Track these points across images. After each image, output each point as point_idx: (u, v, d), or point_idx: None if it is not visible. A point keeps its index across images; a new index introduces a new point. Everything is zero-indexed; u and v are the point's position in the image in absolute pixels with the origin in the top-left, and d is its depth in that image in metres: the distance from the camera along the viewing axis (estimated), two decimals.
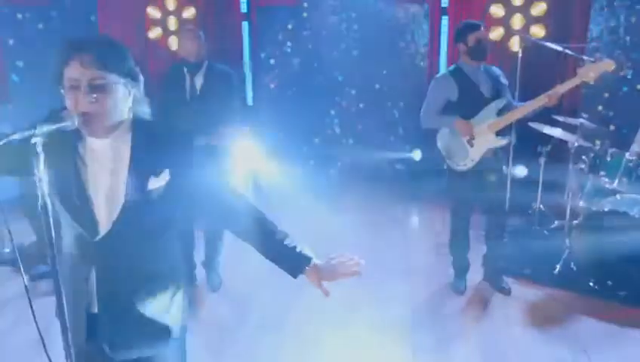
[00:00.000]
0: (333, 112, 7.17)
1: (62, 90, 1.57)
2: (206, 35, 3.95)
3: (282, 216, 1.88)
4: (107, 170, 1.64)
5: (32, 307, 1.56)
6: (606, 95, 6.10)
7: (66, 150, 1.63)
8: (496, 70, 3.82)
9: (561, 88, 3.62)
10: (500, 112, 3.70)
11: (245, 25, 6.94)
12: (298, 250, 1.76)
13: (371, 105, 7.02)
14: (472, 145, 3.73)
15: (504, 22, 6.22)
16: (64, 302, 1.51)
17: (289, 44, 7.00)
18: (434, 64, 6.80)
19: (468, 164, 3.77)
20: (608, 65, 3.46)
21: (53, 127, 1.44)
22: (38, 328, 1.56)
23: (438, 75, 3.89)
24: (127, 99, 1.61)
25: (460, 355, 3.29)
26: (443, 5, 6.62)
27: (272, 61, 7.04)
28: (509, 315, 3.74)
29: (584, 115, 4.52)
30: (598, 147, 4.35)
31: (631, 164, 4.10)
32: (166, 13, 6.76)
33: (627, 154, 4.14)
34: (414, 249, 4.92)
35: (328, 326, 3.63)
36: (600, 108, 6.09)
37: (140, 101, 1.67)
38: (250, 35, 6.96)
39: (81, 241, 1.66)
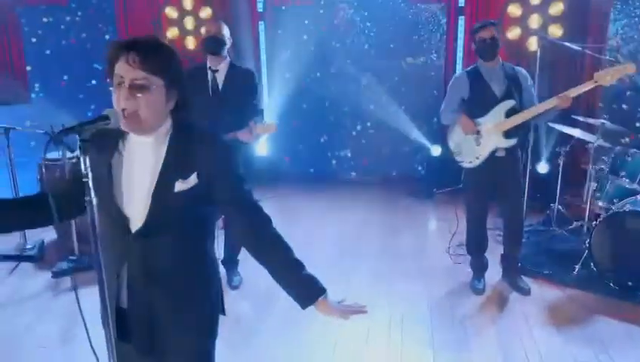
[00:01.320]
0: (346, 109, 7.18)
1: (110, 88, 1.61)
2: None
3: (299, 216, 1.87)
4: (144, 170, 1.67)
5: (79, 303, 1.61)
6: (628, 93, 6.08)
7: (109, 147, 1.68)
8: (519, 70, 3.82)
9: (574, 92, 3.61)
10: (509, 113, 3.71)
11: (261, 25, 6.98)
12: (314, 281, 1.78)
13: (388, 105, 7.03)
14: (478, 144, 3.78)
15: (521, 22, 6.20)
16: (106, 296, 1.53)
17: (304, 42, 7.02)
18: (449, 64, 6.80)
19: (474, 162, 3.82)
20: (629, 68, 3.46)
21: (96, 124, 1.48)
22: (84, 323, 1.59)
23: (456, 74, 3.97)
24: (167, 103, 1.63)
25: (481, 355, 3.28)
26: (460, 5, 6.61)
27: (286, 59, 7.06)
28: (528, 315, 3.74)
29: (605, 116, 4.48)
30: (618, 147, 4.33)
31: None
32: (183, 13, 6.81)
33: None
34: (431, 249, 4.92)
35: (349, 323, 3.64)
36: (624, 107, 6.07)
37: (183, 106, 1.69)
38: (266, 34, 6.99)
39: (114, 238, 1.68)
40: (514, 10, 6.26)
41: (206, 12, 6.83)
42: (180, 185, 1.64)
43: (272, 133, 3.84)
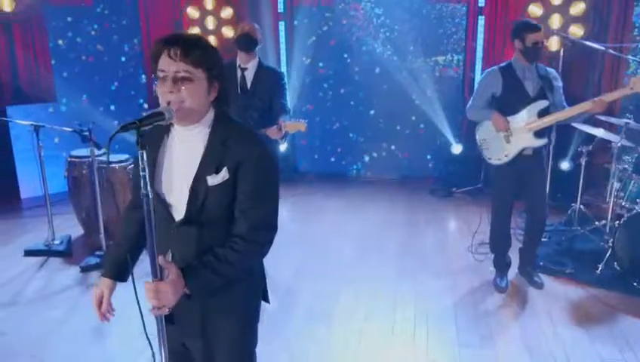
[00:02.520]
0: (366, 108, 7.22)
1: (155, 83, 1.67)
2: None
3: (320, 215, 1.87)
4: (184, 161, 1.73)
5: (134, 283, 1.63)
6: None
7: (159, 139, 1.76)
8: (551, 71, 3.83)
9: (609, 97, 3.61)
10: (542, 113, 3.72)
11: (282, 24, 7.04)
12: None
13: (405, 102, 7.06)
14: (508, 141, 3.79)
15: (542, 21, 6.18)
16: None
17: (324, 43, 7.07)
18: (469, 63, 6.81)
19: (502, 159, 3.84)
20: None
21: (153, 120, 1.55)
22: (139, 306, 1.64)
23: (488, 70, 3.93)
24: (209, 94, 1.70)
25: (506, 351, 3.32)
26: (480, 5, 6.62)
27: (307, 60, 7.11)
28: (552, 314, 3.75)
29: (629, 115, 4.48)
30: None
31: None
32: (204, 13, 6.89)
33: None
34: (453, 247, 4.95)
35: (374, 319, 3.70)
36: None
37: (224, 98, 1.76)
38: (287, 34, 7.05)
39: (160, 226, 1.71)
40: (534, 10, 6.26)
41: (227, 12, 6.91)
42: (212, 180, 1.69)
43: (302, 131, 3.89)
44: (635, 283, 3.99)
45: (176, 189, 1.74)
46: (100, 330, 3.59)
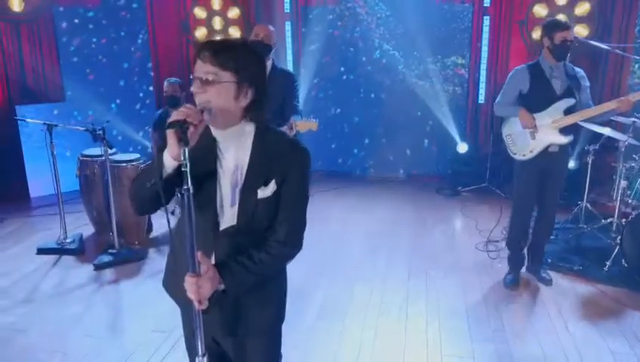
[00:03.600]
0: (371, 108, 7.27)
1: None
2: (249, 35, 4.15)
3: (329, 212, 1.90)
4: (234, 171, 1.74)
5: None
6: None
7: (203, 146, 1.73)
8: (579, 71, 3.86)
9: (636, 96, 3.66)
10: (568, 111, 3.77)
11: (288, 25, 7.09)
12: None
13: (412, 102, 7.12)
14: (533, 138, 3.84)
15: None
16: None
17: (330, 43, 7.12)
18: (474, 63, 6.88)
19: (527, 155, 3.89)
20: None
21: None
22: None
23: (517, 67, 3.96)
24: (238, 98, 1.68)
25: (519, 346, 3.37)
26: (485, 5, 6.68)
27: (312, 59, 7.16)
28: (562, 310, 3.81)
29: (636, 114, 4.53)
30: None
31: None
32: (211, 13, 6.95)
33: None
34: (462, 244, 5.01)
35: (387, 316, 3.75)
36: None
37: (258, 106, 1.72)
38: (293, 34, 7.10)
39: (202, 230, 1.71)
40: (539, 10, 6.33)
41: (234, 12, 6.97)
42: (262, 192, 1.72)
43: (313, 130, 3.94)
44: None
45: (225, 197, 1.75)
46: (116, 326, 3.64)
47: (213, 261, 1.77)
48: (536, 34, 6.35)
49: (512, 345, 3.39)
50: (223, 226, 1.76)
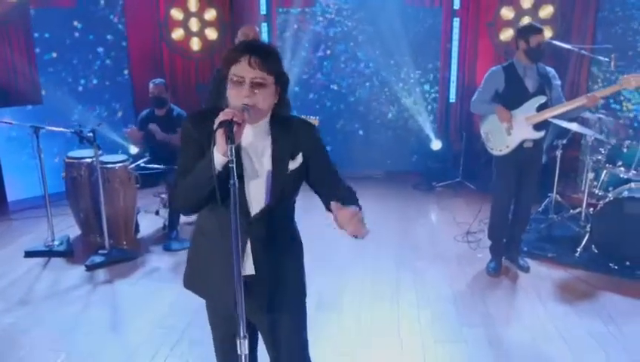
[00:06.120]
0: (346, 107, 7.46)
1: (227, 85, 1.83)
2: (226, 36, 4.24)
3: (314, 207, 2.07)
4: (256, 158, 1.90)
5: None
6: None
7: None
8: (550, 70, 4.15)
9: (601, 93, 3.98)
10: (540, 108, 4.05)
11: (265, 26, 7.20)
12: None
13: (386, 101, 7.35)
14: (509, 134, 4.10)
15: (514, 24, 6.58)
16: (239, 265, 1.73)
17: (306, 44, 7.27)
18: (444, 64, 7.16)
19: (503, 150, 4.16)
20: None
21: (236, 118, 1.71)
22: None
23: (492, 68, 4.24)
24: (274, 98, 1.88)
25: (506, 329, 3.61)
26: (455, 7, 6.97)
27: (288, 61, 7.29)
28: (540, 293, 4.09)
29: (602, 111, 4.87)
30: (614, 140, 4.72)
31: None
32: (188, 15, 6.99)
33: None
34: (443, 236, 5.26)
35: (380, 306, 3.94)
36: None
37: (284, 102, 1.92)
38: (270, 36, 7.22)
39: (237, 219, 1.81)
40: (506, 13, 6.66)
41: (211, 14, 7.04)
42: (292, 165, 1.91)
43: None
44: (611, 264, 4.38)
45: (252, 186, 1.89)
46: (117, 324, 3.70)
47: (249, 248, 1.91)
48: (504, 35, 6.70)
49: (499, 328, 3.63)
50: (254, 212, 1.90)
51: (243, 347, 1.80)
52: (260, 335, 2.14)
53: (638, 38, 6.19)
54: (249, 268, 1.94)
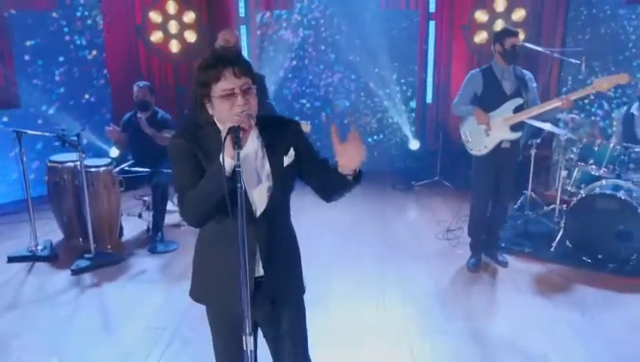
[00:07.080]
0: (325, 108, 7.57)
1: (206, 103, 1.89)
2: (205, 39, 4.29)
3: (295, 209, 2.15)
4: (253, 161, 1.96)
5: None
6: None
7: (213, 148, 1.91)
8: (527, 73, 4.31)
9: (575, 95, 4.15)
10: (517, 110, 4.21)
11: (243, 28, 7.25)
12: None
13: (364, 102, 7.49)
14: (487, 135, 4.25)
15: (487, 26, 6.79)
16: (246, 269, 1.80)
17: (284, 46, 7.35)
18: (421, 66, 7.33)
19: (482, 151, 4.31)
20: (623, 78, 3.97)
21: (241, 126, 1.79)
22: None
23: (472, 71, 4.38)
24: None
25: (489, 321, 3.75)
26: (430, 11, 7.14)
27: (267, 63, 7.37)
28: (519, 287, 4.26)
29: (575, 111, 5.08)
30: (586, 139, 4.92)
31: (615, 153, 4.71)
32: (167, 17, 7.00)
33: (611, 145, 4.74)
34: (423, 234, 5.40)
35: (366, 302, 4.05)
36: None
37: (262, 102, 2.05)
38: (248, 38, 7.28)
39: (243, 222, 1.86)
40: (480, 16, 6.86)
41: (189, 16, 7.06)
42: (286, 160, 1.99)
43: (307, 132, 4.16)
44: (584, 258, 4.58)
45: (254, 186, 1.95)
46: (109, 326, 3.73)
47: (257, 248, 1.98)
48: (478, 38, 6.89)
49: (482, 321, 3.77)
50: (258, 213, 1.97)
51: (249, 343, 1.88)
52: (260, 336, 2.20)
53: (608, 39, 6.46)
54: (259, 270, 2.01)
